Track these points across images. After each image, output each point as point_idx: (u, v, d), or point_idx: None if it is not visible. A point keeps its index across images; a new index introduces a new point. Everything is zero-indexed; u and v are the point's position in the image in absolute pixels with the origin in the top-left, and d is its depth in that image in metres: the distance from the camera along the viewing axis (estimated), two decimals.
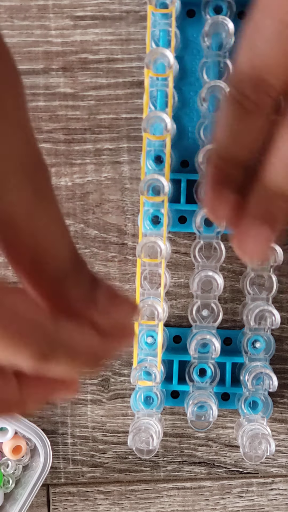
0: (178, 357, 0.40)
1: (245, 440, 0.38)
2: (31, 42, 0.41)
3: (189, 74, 0.40)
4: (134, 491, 0.43)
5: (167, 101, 0.37)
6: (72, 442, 0.43)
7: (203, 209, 0.32)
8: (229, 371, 0.40)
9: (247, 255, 0.28)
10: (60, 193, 0.42)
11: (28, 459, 0.42)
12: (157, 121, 0.36)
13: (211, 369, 0.38)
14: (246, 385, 0.38)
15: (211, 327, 0.38)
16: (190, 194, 0.39)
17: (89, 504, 0.43)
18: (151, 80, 0.37)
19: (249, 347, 0.38)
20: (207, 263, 0.37)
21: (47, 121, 0.41)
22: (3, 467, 0.42)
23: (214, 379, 0.38)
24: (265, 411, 0.38)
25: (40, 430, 0.40)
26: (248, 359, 0.39)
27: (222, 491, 0.43)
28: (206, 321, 0.38)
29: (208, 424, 0.39)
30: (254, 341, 0.38)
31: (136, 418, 0.38)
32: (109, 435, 0.43)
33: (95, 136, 0.41)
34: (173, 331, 0.41)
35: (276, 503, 0.43)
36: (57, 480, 0.43)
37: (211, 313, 0.38)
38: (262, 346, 0.38)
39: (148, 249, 0.37)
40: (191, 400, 0.38)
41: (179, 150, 0.40)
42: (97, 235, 0.42)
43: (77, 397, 0.42)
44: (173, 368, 0.40)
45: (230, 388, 0.40)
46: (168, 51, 0.36)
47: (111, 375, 0.42)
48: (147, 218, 0.37)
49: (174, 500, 0.43)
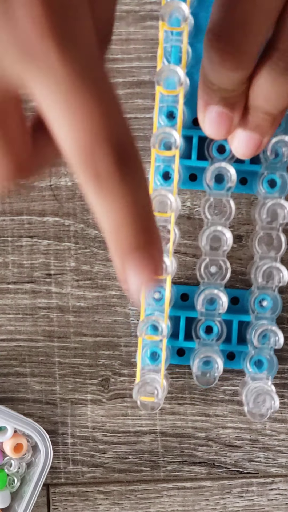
0: (185, 313, 0.40)
1: (249, 398, 0.38)
2: None
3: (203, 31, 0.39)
4: (134, 491, 0.43)
5: (181, 56, 0.37)
6: (72, 442, 0.43)
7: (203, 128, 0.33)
8: (236, 329, 0.40)
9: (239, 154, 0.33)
10: (60, 193, 0.42)
11: (30, 456, 0.42)
12: (170, 75, 0.36)
13: (217, 326, 0.38)
14: (252, 343, 0.38)
15: (219, 284, 0.38)
16: (201, 151, 0.39)
17: (89, 504, 0.43)
18: (165, 35, 0.37)
19: (256, 306, 0.38)
20: (217, 219, 0.37)
21: None
22: (7, 467, 0.42)
23: (220, 337, 0.38)
24: (270, 369, 0.38)
25: (39, 426, 0.40)
26: (255, 317, 0.39)
27: (222, 491, 0.43)
28: (214, 278, 0.38)
29: (214, 381, 0.38)
30: (261, 300, 0.38)
31: (142, 373, 0.38)
32: (109, 435, 0.43)
33: None
34: (180, 289, 0.41)
35: (276, 503, 0.43)
36: (57, 480, 0.43)
37: (219, 269, 0.38)
38: (269, 304, 0.38)
39: (158, 203, 0.36)
40: (197, 355, 0.38)
41: (191, 107, 0.39)
42: (97, 235, 0.42)
43: (77, 397, 0.42)
44: (180, 324, 0.40)
45: (236, 347, 0.40)
46: (183, 4, 0.35)
47: (111, 375, 0.42)
48: (158, 173, 0.37)
49: (174, 500, 0.43)
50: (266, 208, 0.38)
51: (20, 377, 0.42)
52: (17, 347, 0.42)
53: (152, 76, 0.41)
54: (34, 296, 0.42)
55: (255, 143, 0.33)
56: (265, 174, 0.38)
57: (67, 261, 0.42)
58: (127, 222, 0.23)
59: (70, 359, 0.42)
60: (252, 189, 0.40)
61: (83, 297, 0.42)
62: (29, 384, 0.42)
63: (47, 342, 0.42)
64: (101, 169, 0.22)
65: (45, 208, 0.42)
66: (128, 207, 0.23)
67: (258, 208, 0.39)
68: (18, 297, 0.42)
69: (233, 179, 0.37)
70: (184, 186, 0.41)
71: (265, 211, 0.38)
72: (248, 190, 0.41)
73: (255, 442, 0.42)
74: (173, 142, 0.36)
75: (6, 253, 0.42)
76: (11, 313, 0.42)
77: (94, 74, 0.22)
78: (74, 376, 0.42)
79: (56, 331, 0.42)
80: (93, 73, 0.22)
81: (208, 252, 0.38)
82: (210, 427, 0.42)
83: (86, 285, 0.42)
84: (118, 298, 0.42)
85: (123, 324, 0.42)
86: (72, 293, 0.42)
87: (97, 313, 0.42)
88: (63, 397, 0.42)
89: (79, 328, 0.42)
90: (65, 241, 0.42)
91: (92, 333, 0.42)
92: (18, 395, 0.42)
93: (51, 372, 0.42)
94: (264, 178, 0.38)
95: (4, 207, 0.42)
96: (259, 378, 0.38)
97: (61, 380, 0.42)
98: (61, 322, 0.42)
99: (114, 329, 0.42)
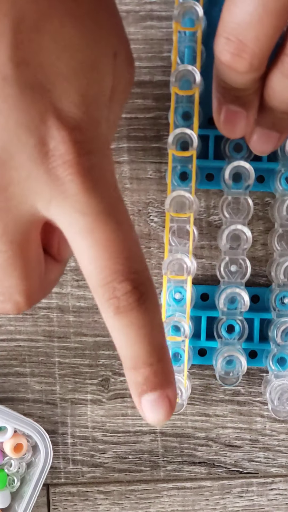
0: (206, 313, 0.40)
1: (273, 396, 0.38)
2: None
3: None
4: (134, 491, 0.43)
5: (195, 56, 0.37)
6: (72, 442, 0.43)
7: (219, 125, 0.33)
8: (257, 327, 0.40)
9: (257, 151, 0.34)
10: None
11: (30, 456, 0.42)
12: (185, 76, 0.36)
13: (239, 325, 0.38)
14: (274, 341, 0.38)
15: (240, 283, 0.38)
16: (217, 150, 0.39)
17: (89, 504, 0.43)
18: (179, 35, 0.36)
19: (277, 303, 0.38)
20: (235, 218, 0.37)
21: None
22: (7, 467, 0.42)
23: (242, 335, 0.38)
24: None
25: (39, 426, 0.40)
26: (277, 315, 0.38)
27: (222, 491, 0.43)
28: (234, 277, 0.38)
29: (236, 380, 0.38)
30: (282, 297, 0.38)
31: None
32: (109, 435, 0.43)
33: None
34: (200, 289, 0.41)
35: (276, 503, 0.43)
36: (57, 480, 0.43)
37: (240, 268, 0.38)
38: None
39: (176, 204, 0.36)
40: (220, 354, 0.38)
41: (206, 107, 0.38)
42: None
43: (77, 397, 0.42)
44: (201, 324, 0.40)
45: (258, 345, 0.40)
46: (197, 4, 0.35)
47: (111, 375, 0.42)
48: (175, 174, 0.37)
49: (174, 500, 0.43)
50: (285, 205, 0.38)
51: (20, 377, 0.42)
52: (17, 347, 0.42)
53: (152, 76, 0.41)
54: None
55: (273, 140, 0.33)
56: (283, 171, 0.38)
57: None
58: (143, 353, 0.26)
59: (70, 359, 0.42)
60: (270, 187, 0.40)
61: (83, 297, 0.42)
62: (29, 384, 0.42)
63: (47, 342, 0.42)
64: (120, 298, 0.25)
65: None
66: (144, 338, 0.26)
67: (277, 206, 0.38)
68: None
69: (252, 177, 0.37)
70: (201, 186, 0.41)
71: (284, 209, 0.38)
72: (266, 188, 0.41)
73: (255, 442, 0.42)
74: (190, 143, 0.36)
75: None
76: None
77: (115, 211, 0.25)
78: (74, 376, 0.42)
79: (56, 331, 0.42)
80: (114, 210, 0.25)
81: (228, 251, 0.37)
82: (210, 427, 0.42)
83: (86, 285, 0.42)
84: None
85: None
86: (72, 293, 0.42)
87: (97, 313, 0.42)
88: (63, 397, 0.42)
89: (79, 328, 0.42)
90: None
91: (92, 333, 0.42)
92: (18, 395, 0.42)
93: (51, 372, 0.42)
94: (281, 176, 0.38)
95: None
96: (283, 376, 0.38)
97: (61, 380, 0.42)
98: (61, 322, 0.42)
99: None
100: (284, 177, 0.38)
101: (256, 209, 0.41)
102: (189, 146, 0.36)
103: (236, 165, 0.37)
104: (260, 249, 0.41)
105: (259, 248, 0.41)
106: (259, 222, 0.41)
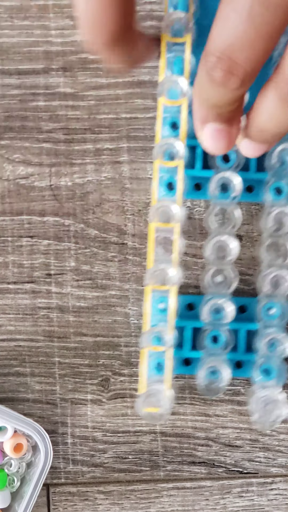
0: (190, 323, 0.40)
1: (258, 407, 0.37)
2: (31, 42, 0.41)
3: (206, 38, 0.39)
4: (134, 491, 0.43)
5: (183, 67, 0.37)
6: (72, 442, 0.43)
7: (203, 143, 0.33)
8: (243, 337, 0.40)
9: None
10: (60, 193, 0.42)
11: (30, 456, 0.42)
12: (173, 86, 0.36)
13: (224, 336, 0.38)
14: (259, 351, 0.38)
15: (225, 293, 0.37)
16: (206, 160, 0.39)
17: (89, 504, 0.43)
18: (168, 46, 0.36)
19: (263, 314, 0.38)
20: (222, 229, 0.37)
21: (47, 121, 0.41)
22: (7, 467, 0.42)
23: (227, 346, 0.38)
24: (279, 378, 0.38)
25: (39, 426, 0.40)
26: (263, 326, 0.38)
27: (222, 491, 0.43)
28: (220, 287, 0.37)
29: (219, 391, 0.38)
30: (269, 308, 0.38)
31: (148, 385, 0.38)
32: (109, 435, 0.43)
33: (95, 136, 0.41)
34: (186, 299, 0.41)
35: (276, 503, 0.43)
36: (57, 480, 0.43)
37: (225, 279, 0.37)
38: (277, 312, 0.38)
39: (162, 214, 0.36)
40: (203, 365, 0.37)
41: None
42: (97, 235, 0.42)
43: (77, 397, 0.42)
44: (185, 335, 0.40)
45: (243, 355, 0.40)
46: (184, 14, 0.35)
47: (111, 375, 0.42)
48: (162, 185, 0.37)
49: (174, 500, 0.43)
50: (272, 215, 0.38)
51: (20, 377, 0.42)
52: (17, 347, 0.42)
53: (152, 76, 0.41)
54: (34, 296, 0.42)
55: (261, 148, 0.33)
56: (272, 181, 0.38)
57: (67, 261, 0.42)
58: None
59: (70, 359, 0.42)
60: (259, 197, 0.40)
61: (83, 297, 0.42)
62: (29, 384, 0.42)
63: (47, 342, 0.42)
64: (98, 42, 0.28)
65: (45, 208, 0.42)
66: None
67: (265, 216, 0.38)
68: (18, 297, 0.42)
69: (238, 189, 0.37)
70: (189, 196, 0.41)
71: (272, 219, 0.38)
72: (254, 198, 0.40)
73: (255, 442, 0.42)
74: (176, 153, 0.36)
75: (6, 253, 0.42)
76: (11, 313, 0.42)
77: None
78: (74, 376, 0.42)
79: (56, 331, 0.42)
80: None
81: (213, 262, 0.37)
82: (210, 427, 0.42)
83: (86, 285, 0.42)
84: (118, 298, 0.42)
85: (123, 324, 0.42)
86: (72, 293, 0.42)
87: (97, 313, 0.42)
88: (63, 397, 0.42)
89: (79, 328, 0.42)
90: (65, 241, 0.42)
91: (92, 333, 0.42)
92: (18, 395, 0.42)
93: (51, 372, 0.42)
94: (270, 186, 0.38)
95: (4, 207, 0.42)
96: (268, 386, 0.38)
97: (61, 380, 0.42)
98: (61, 322, 0.42)
99: (114, 329, 0.42)
100: (273, 188, 0.38)
101: (245, 219, 0.41)
102: (176, 156, 0.36)
103: (223, 176, 0.37)
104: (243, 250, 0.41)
105: (242, 249, 0.41)
106: (249, 231, 0.41)
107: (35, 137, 0.41)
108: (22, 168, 0.41)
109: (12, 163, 0.41)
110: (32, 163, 0.41)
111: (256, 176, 0.39)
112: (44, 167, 0.41)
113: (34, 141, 0.41)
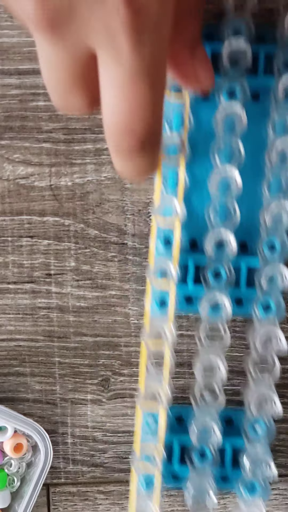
0: (179, 438, 0.39)
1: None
2: (31, 42, 0.41)
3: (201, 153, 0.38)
4: None
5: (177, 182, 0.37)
6: (72, 442, 0.43)
7: None
8: (230, 453, 0.39)
9: None
10: (60, 193, 0.42)
11: (30, 456, 0.42)
12: (167, 205, 0.36)
13: (211, 453, 0.37)
14: (245, 469, 0.37)
15: (213, 411, 0.37)
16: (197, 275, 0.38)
17: (89, 504, 0.43)
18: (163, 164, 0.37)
19: (249, 430, 0.38)
20: (212, 347, 0.37)
21: (47, 121, 0.41)
22: (7, 467, 0.42)
23: (215, 462, 0.37)
24: (264, 495, 0.38)
25: (39, 426, 0.40)
26: (249, 442, 0.38)
27: (222, 491, 0.43)
28: (209, 403, 0.37)
29: None
30: (255, 425, 0.38)
31: None
32: (109, 435, 0.43)
33: (95, 136, 0.41)
34: (175, 411, 0.40)
35: (276, 503, 0.43)
36: (57, 480, 0.43)
37: (214, 396, 0.37)
38: (263, 431, 0.38)
39: (154, 333, 0.37)
40: (190, 485, 0.37)
41: (188, 229, 0.38)
42: (97, 235, 0.42)
43: (77, 397, 0.42)
44: (174, 451, 0.39)
45: (230, 471, 0.39)
46: (176, 134, 0.36)
47: (111, 375, 0.42)
48: (154, 301, 0.37)
49: (174, 500, 0.43)
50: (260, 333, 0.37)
51: (20, 377, 0.42)
52: (17, 347, 0.42)
53: None
54: (34, 296, 0.42)
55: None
56: (260, 298, 0.38)
57: (67, 261, 0.42)
58: None
59: (70, 359, 0.42)
60: (248, 310, 0.39)
61: (83, 297, 0.42)
62: (29, 384, 0.42)
63: (47, 342, 0.42)
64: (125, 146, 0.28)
65: (45, 208, 0.42)
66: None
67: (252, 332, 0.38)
68: (18, 297, 0.42)
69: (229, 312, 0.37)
70: (181, 307, 0.39)
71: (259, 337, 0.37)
72: (244, 311, 0.39)
73: None
74: (168, 273, 0.36)
75: (6, 253, 0.42)
76: (11, 313, 0.42)
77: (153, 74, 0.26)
78: (74, 376, 0.42)
79: (56, 331, 0.42)
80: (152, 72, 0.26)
81: (202, 380, 0.37)
82: None
83: (86, 285, 0.42)
84: (118, 298, 0.42)
85: (123, 324, 0.42)
86: (72, 293, 0.42)
87: (97, 313, 0.42)
88: (63, 397, 0.42)
89: (79, 328, 0.42)
90: (65, 241, 0.42)
91: (92, 333, 0.42)
92: (18, 395, 0.42)
93: (51, 372, 0.42)
94: (259, 301, 0.37)
95: (4, 207, 0.42)
96: (252, 503, 0.37)
97: (61, 380, 0.42)
98: (61, 322, 0.42)
99: (114, 329, 0.42)
100: (260, 303, 0.37)
101: None
102: (168, 275, 0.36)
103: (213, 297, 0.37)
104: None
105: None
106: None
107: (35, 137, 0.41)
108: (22, 168, 0.41)
109: (12, 163, 0.41)
110: (32, 163, 0.41)
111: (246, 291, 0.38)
112: (44, 167, 0.41)
113: (34, 141, 0.41)
